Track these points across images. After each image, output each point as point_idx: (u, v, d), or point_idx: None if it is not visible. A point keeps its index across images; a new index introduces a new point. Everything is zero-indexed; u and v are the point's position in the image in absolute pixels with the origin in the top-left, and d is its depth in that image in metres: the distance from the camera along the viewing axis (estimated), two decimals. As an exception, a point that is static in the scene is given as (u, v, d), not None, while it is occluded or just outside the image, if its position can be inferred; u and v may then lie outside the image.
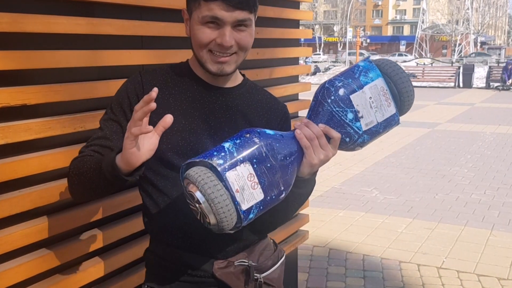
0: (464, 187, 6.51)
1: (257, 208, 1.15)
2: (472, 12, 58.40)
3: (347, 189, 6.38)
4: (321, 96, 1.26)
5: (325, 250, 4.43)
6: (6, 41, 1.50)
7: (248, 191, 1.13)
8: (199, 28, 1.31)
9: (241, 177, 1.13)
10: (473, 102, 16.91)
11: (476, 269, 4.01)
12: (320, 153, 1.24)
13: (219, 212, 1.10)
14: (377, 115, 1.26)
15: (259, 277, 1.42)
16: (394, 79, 1.28)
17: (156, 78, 1.41)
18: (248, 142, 1.17)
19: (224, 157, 1.13)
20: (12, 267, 1.51)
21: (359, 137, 1.27)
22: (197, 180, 1.10)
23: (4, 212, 1.48)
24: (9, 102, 1.48)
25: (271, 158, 1.17)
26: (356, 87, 1.25)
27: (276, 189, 1.18)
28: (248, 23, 1.32)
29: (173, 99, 1.38)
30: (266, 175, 1.16)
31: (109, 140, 1.36)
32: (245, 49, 1.36)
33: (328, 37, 72.74)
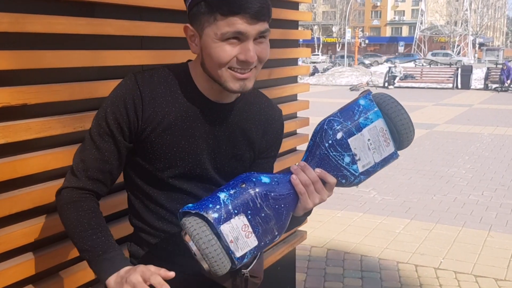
0: (462, 188, 6.52)
1: (251, 253, 1.20)
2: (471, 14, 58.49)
3: (344, 190, 6.39)
4: (319, 138, 1.25)
5: (323, 251, 4.44)
6: (7, 41, 1.51)
7: (242, 240, 1.17)
8: (218, 46, 1.21)
9: (236, 229, 1.17)
10: (471, 103, 16.94)
11: (474, 270, 4.03)
12: (316, 197, 1.25)
13: (212, 263, 1.15)
14: (375, 156, 1.26)
15: (246, 272, 1.44)
16: (395, 119, 1.26)
17: (154, 91, 1.30)
18: (243, 194, 1.19)
19: (219, 210, 1.16)
20: (11, 266, 1.52)
21: (355, 179, 1.27)
22: (192, 234, 1.15)
23: (4, 211, 1.49)
24: (10, 102, 1.48)
25: (266, 208, 1.20)
26: (355, 130, 1.23)
27: (270, 234, 1.22)
28: (267, 34, 1.25)
29: (173, 117, 1.31)
30: (260, 224, 1.19)
31: (107, 163, 1.30)
32: (263, 61, 1.29)
33: (327, 38, 72.78)
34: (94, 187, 1.31)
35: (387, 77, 23.79)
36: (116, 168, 1.33)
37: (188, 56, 1.48)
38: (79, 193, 1.30)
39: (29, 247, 1.59)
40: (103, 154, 1.29)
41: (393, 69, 24.00)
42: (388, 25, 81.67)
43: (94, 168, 1.29)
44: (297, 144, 3.15)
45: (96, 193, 1.33)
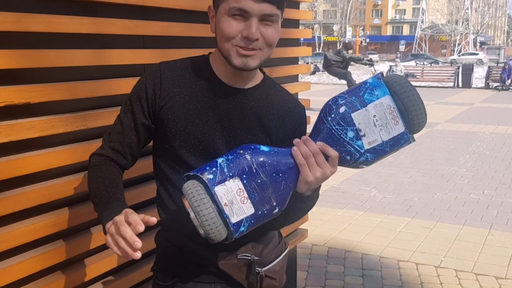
0: (463, 186, 6.53)
1: (247, 221, 1.19)
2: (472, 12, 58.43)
3: (346, 188, 6.40)
4: (323, 113, 1.26)
5: (324, 249, 4.45)
6: (10, 40, 1.52)
7: (238, 205, 1.17)
8: (225, 20, 1.31)
9: (230, 192, 1.17)
10: (472, 102, 16.93)
11: (474, 268, 4.04)
12: (317, 170, 1.24)
13: (204, 224, 1.15)
14: (382, 134, 1.23)
15: (261, 271, 1.45)
16: (402, 97, 1.23)
17: (174, 74, 1.42)
18: (239, 158, 1.20)
19: (215, 172, 1.17)
20: (16, 263, 1.53)
21: (360, 156, 1.25)
22: (187, 193, 1.17)
23: (8, 209, 1.50)
24: (13, 101, 1.49)
25: (262, 174, 1.19)
26: (359, 105, 1.23)
27: (268, 204, 1.20)
28: (275, 19, 1.32)
29: (189, 97, 1.40)
30: (256, 191, 1.19)
31: (126, 137, 1.42)
32: (270, 45, 1.35)
33: (328, 37, 72.73)
34: (114, 156, 1.43)
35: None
36: (135, 144, 1.44)
37: (192, 55, 1.50)
38: (101, 159, 1.42)
39: (33, 245, 1.61)
40: (124, 128, 1.42)
41: (394, 68, 23.98)
42: (389, 24, 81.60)
43: (115, 140, 1.43)
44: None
45: (116, 162, 1.43)
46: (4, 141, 1.47)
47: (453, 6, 63.63)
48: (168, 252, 1.50)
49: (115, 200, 1.32)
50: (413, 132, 1.28)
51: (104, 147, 1.44)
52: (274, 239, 1.55)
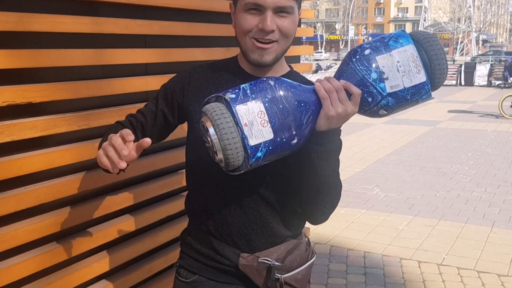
0: (465, 184, 6.52)
1: (265, 147, 1.15)
2: (474, 10, 58.28)
3: (348, 187, 6.40)
4: (347, 56, 1.26)
5: (326, 247, 4.45)
6: (12, 40, 1.53)
7: (257, 127, 1.14)
8: (241, 16, 1.34)
9: (251, 113, 1.14)
10: (475, 100, 16.90)
11: (477, 266, 4.04)
12: (338, 106, 1.21)
13: (223, 138, 1.11)
14: (404, 80, 1.23)
15: (280, 277, 1.41)
16: (426, 46, 1.26)
17: (204, 73, 1.48)
18: (263, 83, 1.19)
19: (237, 93, 1.16)
20: (18, 262, 1.54)
21: (382, 99, 1.24)
22: (208, 110, 1.14)
23: (10, 208, 1.51)
24: (15, 100, 1.50)
25: (284, 101, 1.17)
26: (384, 50, 1.23)
27: (287, 132, 1.17)
28: (290, 10, 1.33)
29: (215, 88, 1.44)
30: (277, 115, 1.15)
31: (143, 117, 1.51)
32: (287, 36, 1.36)
33: (330, 35, 72.66)
34: (126, 125, 1.51)
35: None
36: (149, 126, 1.51)
37: (193, 54, 1.50)
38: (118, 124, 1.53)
39: (35, 244, 1.61)
40: (145, 110, 1.53)
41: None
42: (392, 22, 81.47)
43: (135, 116, 1.53)
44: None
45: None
46: (6, 140, 1.48)
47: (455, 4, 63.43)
48: (191, 249, 1.51)
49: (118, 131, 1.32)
50: (433, 85, 1.28)
51: (126, 119, 1.55)
52: (300, 246, 1.51)
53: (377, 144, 9.39)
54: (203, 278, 1.48)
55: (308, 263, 1.50)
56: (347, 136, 10.14)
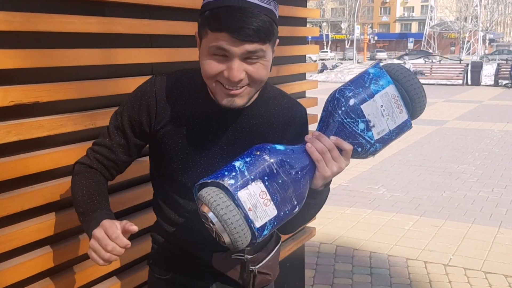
0: (472, 184, 6.50)
1: (271, 224, 1.15)
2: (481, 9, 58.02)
3: (354, 187, 6.39)
4: (331, 107, 1.24)
5: (332, 247, 4.45)
6: (19, 40, 1.53)
7: (261, 209, 1.13)
8: (205, 59, 1.23)
9: (253, 196, 1.12)
10: (481, 100, 16.84)
11: (483, 267, 4.02)
12: (333, 165, 1.22)
13: (232, 232, 1.11)
14: (389, 123, 1.25)
15: (254, 268, 1.47)
16: (406, 85, 1.26)
17: (170, 95, 1.36)
18: (258, 160, 1.16)
19: (235, 177, 1.13)
20: (24, 261, 1.54)
21: (371, 146, 1.25)
22: (209, 202, 1.11)
23: (17, 207, 1.51)
24: (22, 100, 1.50)
25: (282, 174, 1.16)
26: (367, 96, 1.22)
27: (289, 204, 1.17)
28: (261, 54, 1.21)
29: (185, 121, 1.35)
30: (278, 191, 1.15)
31: (114, 154, 1.41)
32: (260, 81, 1.26)
33: (336, 35, 72.58)
34: (98, 168, 1.42)
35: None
36: (122, 161, 1.43)
37: (197, 54, 1.50)
38: (86, 167, 1.42)
39: (42, 243, 1.62)
40: (112, 145, 1.40)
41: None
42: (397, 21, 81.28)
43: (103, 153, 1.41)
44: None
45: (101, 173, 1.43)
46: (13, 140, 1.49)
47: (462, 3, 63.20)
48: (163, 249, 1.52)
49: (100, 209, 1.30)
50: (413, 118, 1.31)
51: (90, 157, 1.42)
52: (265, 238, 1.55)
53: (383, 144, 9.36)
54: (178, 275, 1.50)
55: (275, 249, 1.55)
56: (353, 136, 10.11)
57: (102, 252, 1.19)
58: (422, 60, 31.92)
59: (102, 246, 1.19)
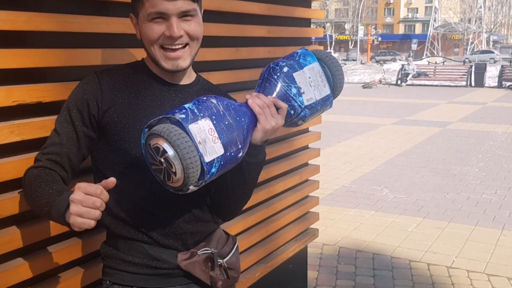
0: (475, 186, 6.48)
1: (218, 162, 1.21)
2: (485, 11, 57.96)
3: (357, 188, 6.38)
4: (267, 73, 1.40)
5: (335, 249, 4.44)
6: (22, 39, 1.53)
7: (210, 144, 1.19)
8: (147, 26, 1.35)
9: (203, 131, 1.19)
10: (485, 101, 16.80)
11: (486, 269, 4.01)
12: (272, 120, 1.33)
13: (185, 157, 1.15)
14: (316, 93, 1.42)
15: (222, 262, 1.48)
16: (328, 63, 1.47)
17: (114, 78, 1.41)
18: (206, 102, 1.25)
19: (186, 113, 1.20)
20: (26, 262, 1.54)
21: (301, 111, 1.39)
22: (164, 132, 1.16)
23: (21, 207, 1.51)
24: (25, 100, 1.50)
25: (228, 117, 1.25)
26: (297, 67, 1.40)
27: (235, 146, 1.25)
28: (193, 13, 1.36)
29: (134, 98, 1.40)
30: (225, 132, 1.23)
31: (64, 147, 1.37)
32: (196, 38, 1.39)
33: (339, 35, 72.52)
34: (53, 167, 1.36)
35: (399, 74, 23.67)
36: (75, 154, 1.39)
37: (202, 54, 1.49)
38: (39, 170, 1.35)
39: (45, 243, 1.62)
40: (61, 139, 1.38)
41: (406, 66, 23.87)
42: (401, 22, 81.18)
43: (53, 151, 1.37)
44: (309, 142, 3.15)
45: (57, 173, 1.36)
46: (16, 140, 1.48)
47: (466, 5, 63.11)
48: (121, 262, 1.44)
49: (65, 191, 1.26)
50: (334, 96, 1.50)
51: (41, 159, 1.37)
52: (222, 235, 1.58)
53: (386, 145, 9.36)
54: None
55: (235, 246, 1.58)
56: (356, 137, 10.11)
57: (91, 211, 1.15)
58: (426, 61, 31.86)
59: (90, 205, 1.15)
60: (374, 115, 13.46)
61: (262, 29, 2.64)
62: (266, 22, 2.68)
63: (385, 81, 24.39)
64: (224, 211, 1.55)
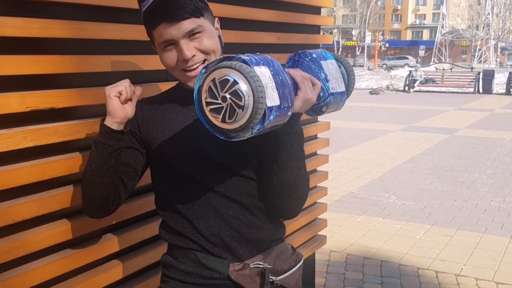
0: (483, 194, 6.45)
1: (275, 111, 1.17)
2: (493, 18, 57.80)
3: (364, 194, 6.37)
4: (297, 57, 1.45)
5: (342, 255, 4.43)
6: (36, 46, 1.55)
7: (270, 91, 1.15)
8: (162, 55, 1.39)
9: (264, 76, 1.15)
10: (493, 108, 16.74)
11: (495, 277, 3.98)
12: (310, 92, 1.33)
13: (257, 91, 1.10)
14: (336, 85, 1.46)
15: (275, 279, 1.43)
16: (344, 63, 1.54)
17: (153, 101, 1.53)
18: (263, 55, 1.22)
19: (249, 56, 1.17)
20: (38, 267, 1.55)
21: (328, 96, 1.43)
22: (235, 64, 1.12)
23: (32, 212, 1.52)
24: (38, 106, 1.51)
25: (281, 74, 1.24)
26: (322, 58, 1.45)
27: (286, 102, 1.22)
28: (200, 29, 1.35)
29: (169, 113, 1.48)
30: (280, 85, 1.20)
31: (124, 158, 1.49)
32: (212, 51, 1.38)
33: (347, 41, 72.53)
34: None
35: (407, 80, 23.64)
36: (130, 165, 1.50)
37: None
38: None
39: (56, 248, 1.63)
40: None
41: (414, 72, 23.82)
42: (409, 28, 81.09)
43: None
44: (318, 148, 3.15)
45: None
46: (29, 145, 1.50)
47: (474, 11, 63.00)
48: (176, 271, 1.49)
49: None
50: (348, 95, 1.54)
51: None
52: (286, 251, 1.54)
53: (394, 151, 9.33)
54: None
55: (297, 265, 1.53)
56: (364, 143, 10.10)
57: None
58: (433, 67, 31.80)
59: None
60: (381, 121, 13.44)
61: (271, 35, 2.65)
62: (275, 29, 2.69)
63: (392, 87, 24.35)
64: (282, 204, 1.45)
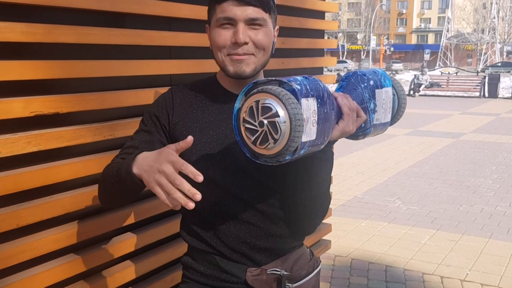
0: (489, 198, 6.42)
1: (308, 146, 1.11)
2: (498, 21, 57.70)
3: (369, 199, 6.35)
4: (354, 79, 1.34)
5: (347, 260, 4.41)
6: (40, 51, 1.55)
7: (309, 126, 1.09)
8: (215, 31, 1.34)
9: (309, 110, 1.09)
10: (499, 113, 16.68)
11: (501, 283, 3.96)
12: (353, 124, 1.28)
13: (295, 131, 1.05)
14: (382, 116, 1.36)
15: (291, 286, 1.42)
16: (399, 93, 1.41)
17: (185, 93, 1.45)
18: (316, 82, 1.14)
19: (301, 85, 1.09)
20: (42, 271, 1.55)
21: (369, 128, 1.35)
22: (281, 95, 1.05)
23: (36, 217, 1.52)
24: (42, 111, 1.52)
25: (328, 105, 1.15)
26: (379, 85, 1.34)
27: (322, 136, 1.15)
28: (262, 23, 1.32)
29: (201, 112, 1.42)
30: (322, 119, 1.13)
31: (138, 149, 1.38)
32: (262, 49, 1.35)
33: (351, 45, 72.55)
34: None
35: (412, 85, 23.60)
36: None
37: (215, 66, 1.50)
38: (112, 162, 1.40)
39: (61, 252, 1.63)
40: (135, 142, 1.41)
41: (420, 76, 23.79)
42: (414, 32, 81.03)
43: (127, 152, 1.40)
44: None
45: None
46: (33, 150, 1.50)
47: (479, 15, 62.91)
48: (195, 272, 1.49)
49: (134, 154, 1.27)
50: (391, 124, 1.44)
51: (115, 159, 1.41)
52: (304, 255, 1.52)
53: (399, 155, 9.31)
54: None
55: (315, 271, 1.51)
56: (368, 148, 10.08)
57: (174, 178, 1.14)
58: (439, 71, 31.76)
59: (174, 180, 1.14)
60: (386, 126, 13.39)
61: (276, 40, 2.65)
62: (280, 33, 2.69)
63: (397, 92, 24.30)
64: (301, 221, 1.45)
